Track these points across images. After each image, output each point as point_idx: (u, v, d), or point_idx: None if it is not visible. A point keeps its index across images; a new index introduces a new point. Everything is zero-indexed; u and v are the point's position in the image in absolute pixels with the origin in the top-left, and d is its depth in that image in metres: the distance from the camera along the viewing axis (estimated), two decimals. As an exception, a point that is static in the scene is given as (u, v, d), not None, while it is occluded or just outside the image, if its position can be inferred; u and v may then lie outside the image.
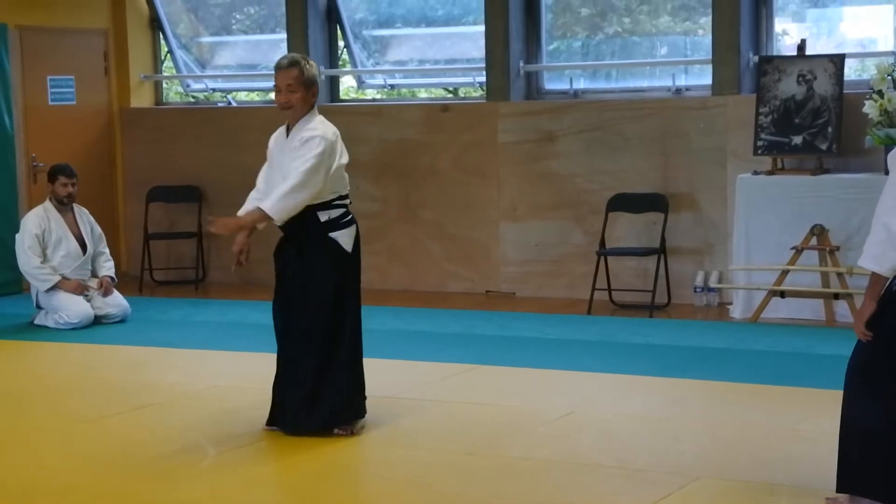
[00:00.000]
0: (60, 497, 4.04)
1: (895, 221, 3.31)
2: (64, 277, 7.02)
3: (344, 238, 4.51)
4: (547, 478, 4.07)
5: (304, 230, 4.48)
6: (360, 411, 4.61)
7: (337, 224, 4.51)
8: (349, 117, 4.85)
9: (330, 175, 4.44)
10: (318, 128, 4.47)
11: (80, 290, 7.03)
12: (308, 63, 4.52)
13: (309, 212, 4.46)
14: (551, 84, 7.99)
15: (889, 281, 3.42)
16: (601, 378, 5.48)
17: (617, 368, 5.62)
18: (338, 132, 4.54)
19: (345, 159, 4.55)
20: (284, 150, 4.51)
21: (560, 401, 5.06)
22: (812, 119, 6.83)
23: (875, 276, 3.39)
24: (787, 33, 7.50)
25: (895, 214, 3.31)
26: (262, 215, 4.44)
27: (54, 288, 6.96)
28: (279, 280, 4.59)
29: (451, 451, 4.39)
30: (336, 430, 4.55)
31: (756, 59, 7.14)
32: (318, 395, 4.51)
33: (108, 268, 7.23)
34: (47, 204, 7.16)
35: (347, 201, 4.58)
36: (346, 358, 4.53)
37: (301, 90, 4.48)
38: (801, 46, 6.96)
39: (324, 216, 4.49)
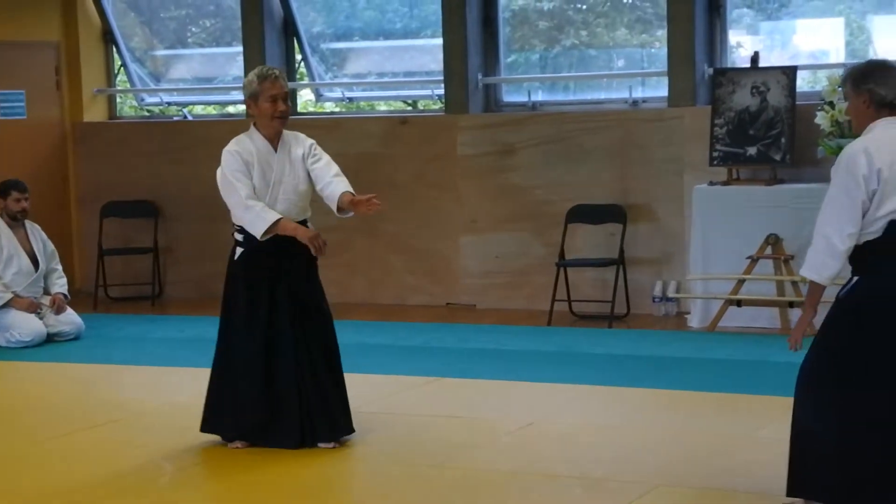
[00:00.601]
0: (14, 517, 3.97)
1: (834, 232, 3.44)
2: (16, 295, 6.91)
3: None
4: (509, 489, 4.06)
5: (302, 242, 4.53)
6: None
7: None
8: (307, 131, 4.81)
9: None
10: (307, 137, 4.61)
11: (33, 308, 6.92)
12: None
13: (303, 223, 4.57)
14: (510, 96, 8.02)
15: (839, 289, 3.52)
16: (562, 389, 5.49)
17: (577, 379, 5.64)
18: None
19: None
20: (291, 162, 4.49)
21: (521, 412, 5.05)
22: (766, 130, 6.91)
23: (814, 285, 3.53)
24: (741, 46, 7.59)
25: (833, 225, 3.44)
26: None
27: (6, 306, 6.85)
28: (269, 296, 4.49)
29: (414, 463, 4.37)
30: (321, 444, 4.52)
31: (711, 71, 7.21)
32: (345, 403, 4.57)
33: (60, 285, 7.14)
34: (-2, 219, 7.07)
35: None
36: None
37: (289, 100, 4.56)
38: (755, 59, 7.05)
39: (311, 228, 4.62)
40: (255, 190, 4.47)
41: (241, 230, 4.56)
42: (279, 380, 4.49)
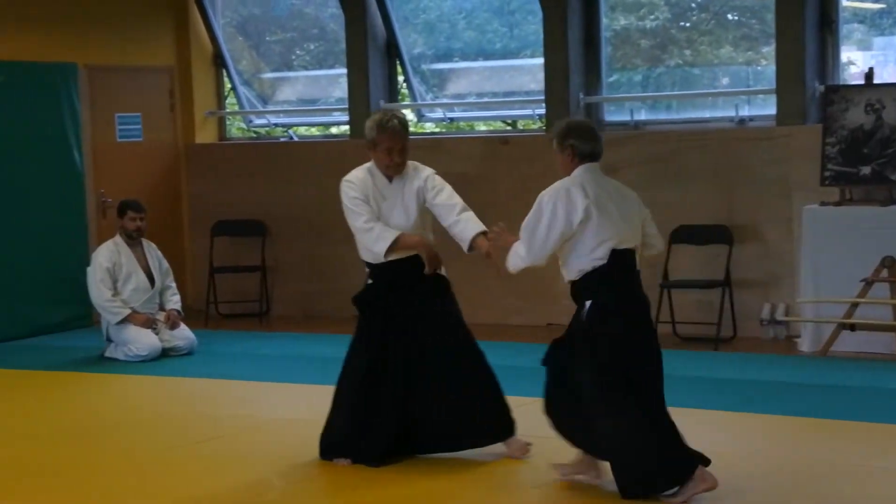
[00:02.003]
0: (132, 530, 4.09)
1: (526, 250, 4.16)
2: (134, 311, 7.14)
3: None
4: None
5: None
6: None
7: None
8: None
9: None
10: (426, 167, 4.73)
11: (149, 324, 7.15)
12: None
13: (415, 257, 4.70)
14: (611, 116, 7.98)
15: (580, 311, 4.12)
16: (667, 412, 5.41)
17: (681, 402, 5.50)
18: None
19: None
20: (403, 195, 4.62)
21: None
22: (881, 149, 6.72)
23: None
24: (853, 62, 7.42)
25: (526, 243, 4.14)
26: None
27: (124, 321, 7.08)
28: (410, 316, 4.64)
29: (540, 483, 4.35)
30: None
31: (822, 88, 7.06)
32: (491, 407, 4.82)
33: (174, 301, 7.35)
34: (117, 238, 7.30)
35: None
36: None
37: (407, 147, 4.62)
38: (869, 75, 6.86)
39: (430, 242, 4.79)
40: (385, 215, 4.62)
41: (369, 264, 4.68)
42: (380, 403, 4.56)
